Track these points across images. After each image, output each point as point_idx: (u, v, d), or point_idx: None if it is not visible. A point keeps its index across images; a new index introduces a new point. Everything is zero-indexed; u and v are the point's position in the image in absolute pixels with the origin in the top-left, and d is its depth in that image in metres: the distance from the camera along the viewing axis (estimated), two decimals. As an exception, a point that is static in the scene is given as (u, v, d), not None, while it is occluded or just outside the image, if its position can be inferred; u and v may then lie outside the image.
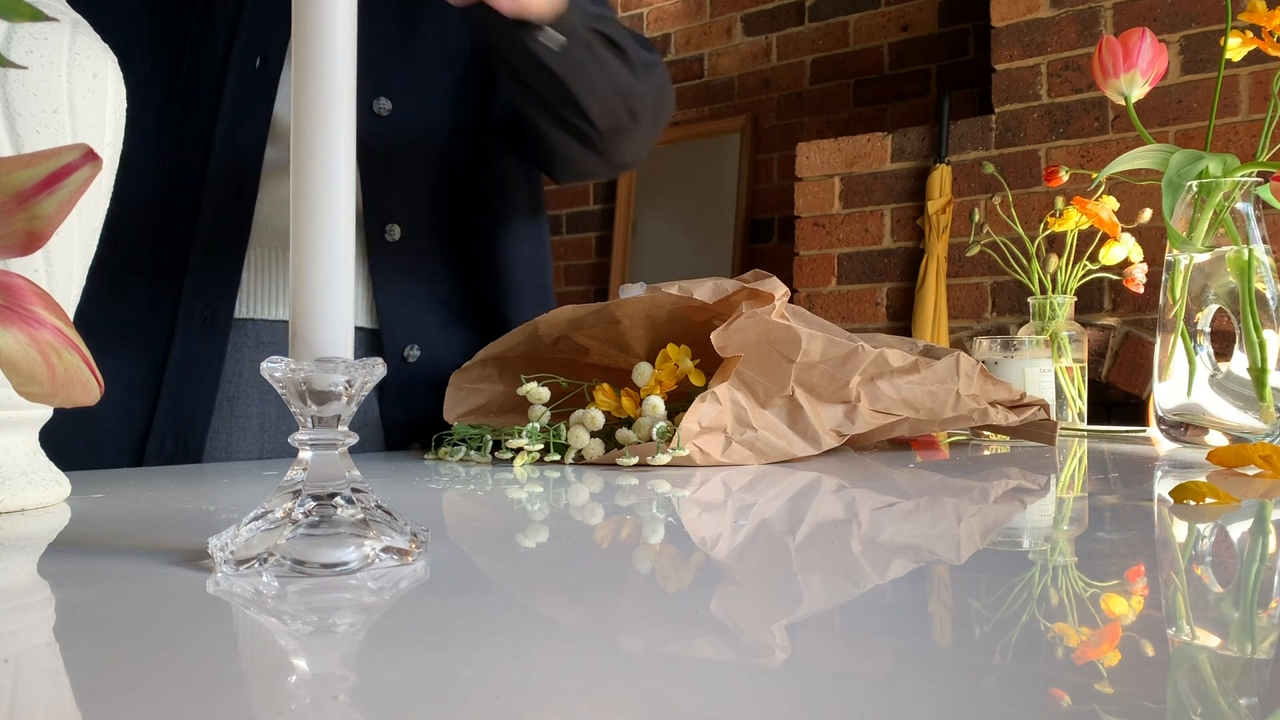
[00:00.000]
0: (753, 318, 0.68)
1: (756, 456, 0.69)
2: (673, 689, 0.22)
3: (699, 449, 0.67)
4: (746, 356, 0.69)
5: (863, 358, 0.71)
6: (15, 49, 0.42)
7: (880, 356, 0.73)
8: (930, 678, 0.23)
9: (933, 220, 2.52)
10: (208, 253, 0.78)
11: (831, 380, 0.72)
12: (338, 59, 0.34)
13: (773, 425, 0.71)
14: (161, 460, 0.76)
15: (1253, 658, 0.25)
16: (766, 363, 0.70)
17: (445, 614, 0.29)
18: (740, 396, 0.69)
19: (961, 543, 0.40)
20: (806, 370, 0.71)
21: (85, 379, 0.29)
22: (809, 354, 0.70)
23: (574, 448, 0.69)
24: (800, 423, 0.72)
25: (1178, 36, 2.26)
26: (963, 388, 0.78)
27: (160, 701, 0.20)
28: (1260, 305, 0.81)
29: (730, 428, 0.68)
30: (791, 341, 0.69)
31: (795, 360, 0.69)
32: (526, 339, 0.78)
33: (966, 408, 0.78)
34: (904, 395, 0.75)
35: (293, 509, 0.33)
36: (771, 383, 0.70)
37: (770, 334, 0.69)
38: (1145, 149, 0.86)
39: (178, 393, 0.77)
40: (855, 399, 0.73)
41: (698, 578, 0.34)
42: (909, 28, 3.02)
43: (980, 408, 0.79)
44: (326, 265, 0.34)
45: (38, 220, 0.28)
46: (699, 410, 0.67)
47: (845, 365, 0.72)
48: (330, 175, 0.34)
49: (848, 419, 0.73)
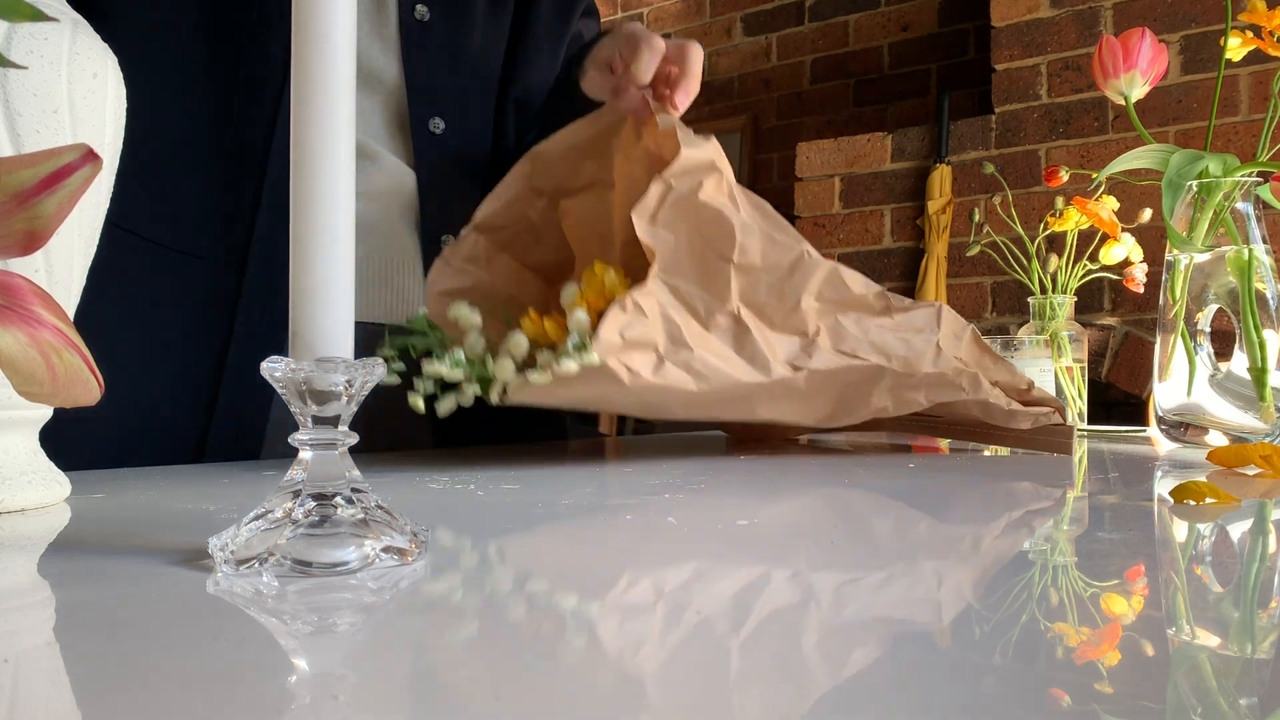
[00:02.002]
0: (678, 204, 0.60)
1: (695, 380, 0.61)
2: (676, 690, 0.22)
3: (626, 367, 0.59)
4: (676, 261, 0.62)
5: (811, 268, 0.64)
6: (15, 49, 0.42)
7: (835, 274, 0.66)
8: (930, 678, 0.23)
9: (933, 220, 2.52)
10: (265, 255, 0.78)
11: (780, 298, 0.64)
12: (338, 61, 0.34)
13: (715, 348, 0.62)
14: (220, 459, 0.77)
15: (1253, 658, 0.25)
16: (700, 267, 0.62)
17: (445, 614, 0.29)
18: (676, 314, 0.61)
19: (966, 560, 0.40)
20: (749, 281, 0.63)
21: (85, 379, 0.29)
22: (747, 252, 0.62)
23: (500, 380, 0.62)
24: (748, 347, 0.63)
25: (1178, 36, 2.26)
26: (946, 343, 0.69)
27: (160, 701, 0.20)
28: (1260, 305, 0.81)
29: (663, 346, 0.60)
30: (724, 235, 0.61)
31: (732, 259, 0.62)
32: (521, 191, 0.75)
33: (949, 366, 0.69)
34: (873, 338, 0.67)
35: (293, 509, 0.33)
36: (710, 295, 0.62)
37: (700, 223, 0.61)
38: (1145, 149, 0.86)
39: (236, 392, 0.77)
40: (814, 333, 0.65)
41: (702, 571, 0.34)
42: (909, 28, 3.02)
43: (970, 373, 0.70)
44: (327, 265, 0.34)
45: (38, 220, 0.28)
46: (619, 320, 0.58)
47: (793, 277, 0.64)
48: (331, 175, 0.34)
49: (804, 353, 0.65)
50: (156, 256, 0.77)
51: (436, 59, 0.87)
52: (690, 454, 0.78)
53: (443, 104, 0.87)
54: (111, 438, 0.73)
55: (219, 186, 0.78)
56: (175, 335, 0.77)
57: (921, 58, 2.99)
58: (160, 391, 0.76)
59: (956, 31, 2.93)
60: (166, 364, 0.76)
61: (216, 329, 0.77)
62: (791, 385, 0.66)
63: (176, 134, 0.77)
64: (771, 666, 0.23)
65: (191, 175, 0.78)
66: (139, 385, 0.74)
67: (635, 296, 0.60)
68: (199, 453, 0.77)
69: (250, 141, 0.78)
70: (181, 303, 0.77)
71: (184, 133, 0.78)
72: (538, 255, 0.77)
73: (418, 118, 0.85)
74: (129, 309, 0.76)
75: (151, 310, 0.77)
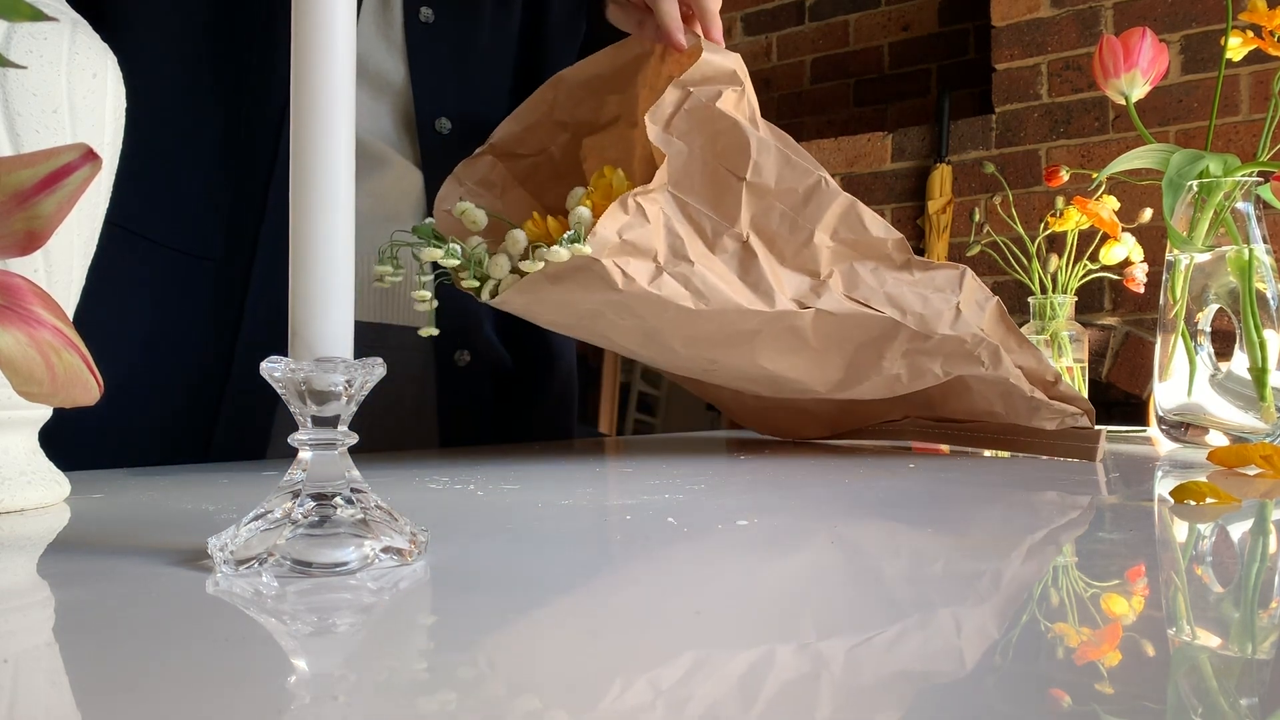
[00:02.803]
0: (694, 110, 0.58)
1: (693, 298, 0.58)
2: (676, 689, 0.22)
3: (621, 271, 0.56)
4: (688, 175, 0.59)
5: (828, 199, 0.61)
6: (15, 49, 0.42)
7: (852, 210, 0.62)
8: (930, 677, 0.23)
9: (933, 220, 2.52)
10: (271, 255, 0.78)
11: (793, 229, 0.61)
12: (337, 60, 0.34)
13: (718, 270, 0.60)
14: (226, 456, 0.77)
15: (1253, 658, 0.25)
16: (711, 184, 0.59)
17: (445, 614, 0.29)
18: (681, 229, 0.59)
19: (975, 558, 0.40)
20: (762, 205, 0.60)
21: (85, 379, 0.29)
22: (761, 171, 0.59)
23: (493, 278, 0.59)
24: (753, 274, 0.60)
25: (1178, 36, 2.26)
26: (967, 309, 0.65)
27: (160, 701, 0.20)
28: (1261, 305, 0.81)
29: (663, 255, 0.58)
30: (739, 149, 0.58)
31: (744, 177, 0.59)
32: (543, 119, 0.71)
33: (968, 332, 0.65)
34: (889, 290, 0.63)
35: (292, 509, 0.33)
36: (719, 215, 0.60)
37: (715, 136, 0.58)
38: (1145, 149, 0.86)
39: (242, 393, 0.77)
40: (826, 275, 0.62)
41: (698, 572, 0.34)
42: (909, 27, 3.02)
43: (990, 344, 0.66)
44: (326, 265, 0.34)
45: (37, 220, 0.28)
46: (618, 219, 0.56)
47: (807, 206, 0.61)
48: (330, 176, 0.34)
49: (813, 293, 0.62)
50: (163, 258, 0.77)
51: (442, 60, 0.87)
52: (690, 454, 0.78)
53: (449, 104, 0.88)
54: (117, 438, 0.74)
55: (227, 187, 0.78)
56: (181, 336, 0.77)
57: (922, 57, 2.99)
58: (166, 392, 0.76)
59: (957, 31, 2.92)
60: (172, 365, 0.77)
61: (223, 330, 0.78)
62: (798, 329, 0.63)
63: (185, 134, 0.78)
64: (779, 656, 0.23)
65: (199, 176, 0.78)
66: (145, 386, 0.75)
67: (639, 199, 0.57)
68: (204, 454, 0.77)
69: (258, 142, 0.78)
70: (188, 303, 0.78)
71: (192, 133, 0.78)
72: (556, 195, 0.72)
73: (424, 118, 0.85)
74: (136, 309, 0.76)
75: (157, 310, 0.77)
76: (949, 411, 0.76)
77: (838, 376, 0.67)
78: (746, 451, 0.81)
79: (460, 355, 0.88)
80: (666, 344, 0.64)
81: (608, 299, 0.58)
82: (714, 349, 0.65)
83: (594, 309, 0.60)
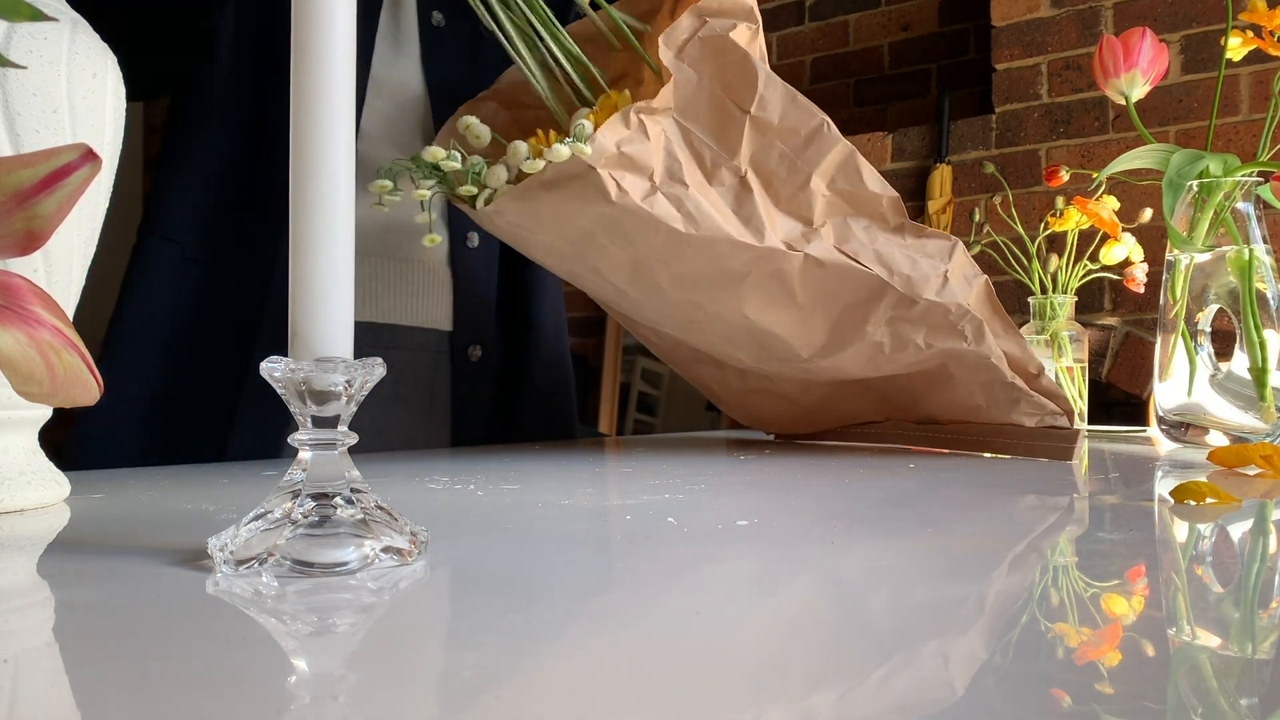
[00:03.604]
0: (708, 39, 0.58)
1: (684, 221, 0.59)
2: (674, 688, 0.22)
3: (616, 183, 0.57)
4: (694, 105, 0.59)
5: (828, 144, 0.61)
6: (15, 49, 0.42)
7: (851, 160, 0.62)
8: (930, 677, 0.23)
9: (933, 220, 2.52)
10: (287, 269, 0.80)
11: (791, 171, 0.61)
12: (337, 60, 0.34)
13: (712, 198, 0.60)
14: (243, 456, 0.78)
15: (1253, 658, 0.25)
16: (716, 116, 0.60)
17: (445, 614, 0.29)
18: (680, 152, 0.59)
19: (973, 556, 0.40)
20: (763, 143, 0.61)
21: (84, 379, 0.29)
22: (766, 106, 0.59)
23: (490, 187, 0.60)
24: (746, 208, 0.61)
25: (1178, 36, 2.26)
26: (955, 280, 0.65)
27: (160, 701, 0.20)
28: (1261, 305, 0.81)
29: (659, 175, 0.58)
30: (746, 81, 0.59)
31: (749, 111, 0.59)
32: None
33: (953, 301, 0.65)
34: (879, 248, 0.64)
35: (292, 509, 0.33)
36: (720, 147, 0.60)
37: (725, 67, 0.59)
38: (1146, 149, 0.86)
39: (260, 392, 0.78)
40: (819, 224, 0.63)
41: (698, 572, 0.34)
42: (909, 27, 3.02)
43: (975, 319, 0.66)
44: (326, 265, 0.34)
45: (37, 220, 0.28)
46: (619, 131, 0.56)
47: (807, 149, 0.61)
48: (330, 176, 0.34)
49: (804, 238, 0.62)
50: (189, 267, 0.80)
51: (456, 63, 0.88)
52: (690, 454, 0.78)
53: None
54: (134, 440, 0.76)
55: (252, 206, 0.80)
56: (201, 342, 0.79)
57: (922, 57, 2.99)
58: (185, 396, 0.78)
59: (957, 31, 2.92)
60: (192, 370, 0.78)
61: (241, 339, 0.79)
62: (785, 276, 0.63)
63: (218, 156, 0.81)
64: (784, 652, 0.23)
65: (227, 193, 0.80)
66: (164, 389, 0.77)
67: (642, 115, 0.57)
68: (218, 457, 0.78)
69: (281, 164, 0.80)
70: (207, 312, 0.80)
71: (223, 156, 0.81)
72: None
73: (439, 121, 0.86)
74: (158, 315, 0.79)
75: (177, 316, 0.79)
76: (931, 407, 0.75)
77: (821, 340, 0.67)
78: (746, 451, 0.81)
79: (473, 350, 0.89)
80: (654, 281, 0.65)
81: (600, 213, 0.58)
82: (700, 290, 0.65)
83: (586, 228, 0.60)
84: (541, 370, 0.96)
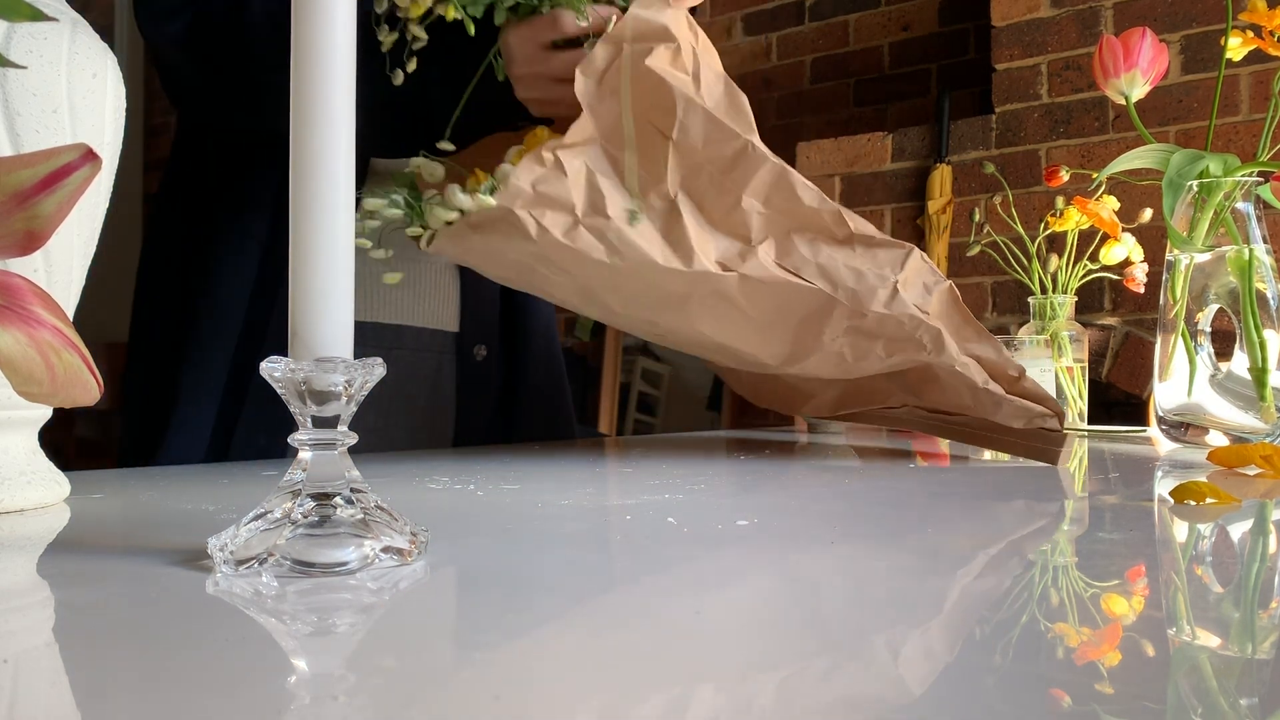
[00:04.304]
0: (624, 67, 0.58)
1: (608, 252, 0.59)
2: (674, 688, 0.22)
3: (536, 221, 0.57)
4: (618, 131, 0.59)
5: (755, 164, 0.60)
6: (15, 49, 0.42)
7: (783, 178, 0.61)
8: (931, 678, 0.23)
9: (933, 220, 2.52)
10: None
11: (721, 192, 0.60)
12: (336, 60, 0.34)
13: (641, 226, 0.60)
14: (251, 455, 0.78)
15: (1253, 658, 0.25)
16: (641, 139, 0.59)
17: (445, 614, 0.29)
18: (605, 182, 0.59)
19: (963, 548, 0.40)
20: (691, 166, 0.60)
21: (84, 379, 0.29)
22: (688, 131, 0.59)
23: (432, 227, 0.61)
24: (675, 233, 0.60)
25: (1178, 36, 2.26)
26: (909, 290, 0.63)
27: (160, 701, 0.20)
28: (1261, 305, 0.81)
29: (580, 209, 0.58)
30: (665, 108, 0.58)
31: (670, 136, 0.58)
32: None
33: (904, 312, 0.62)
34: (822, 261, 0.62)
35: (292, 509, 0.33)
36: (646, 172, 0.59)
37: (644, 93, 0.58)
38: (1146, 149, 0.86)
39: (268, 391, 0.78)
40: (757, 240, 0.61)
41: (698, 572, 0.34)
42: (909, 27, 3.02)
43: (932, 329, 0.63)
44: (326, 265, 0.34)
45: (37, 220, 0.28)
46: (532, 172, 0.57)
47: (734, 171, 0.60)
48: (330, 176, 0.34)
49: (740, 257, 0.61)
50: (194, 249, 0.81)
51: None
52: (690, 454, 0.78)
53: None
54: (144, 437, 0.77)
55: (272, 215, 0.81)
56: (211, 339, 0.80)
57: (922, 57, 2.99)
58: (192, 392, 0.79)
59: (956, 31, 2.92)
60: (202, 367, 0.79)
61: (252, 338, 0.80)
62: (727, 295, 0.62)
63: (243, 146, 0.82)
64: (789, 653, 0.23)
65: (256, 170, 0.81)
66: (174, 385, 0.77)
67: (559, 151, 0.58)
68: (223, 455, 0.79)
69: None
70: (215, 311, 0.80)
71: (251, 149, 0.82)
72: None
73: None
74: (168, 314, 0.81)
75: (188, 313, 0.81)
76: (931, 402, 0.74)
77: (785, 351, 0.67)
78: (746, 451, 0.81)
79: (478, 350, 0.90)
80: (605, 304, 0.66)
81: (527, 249, 0.59)
82: (651, 310, 0.65)
83: (522, 261, 0.62)
84: (539, 371, 0.96)
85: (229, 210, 0.82)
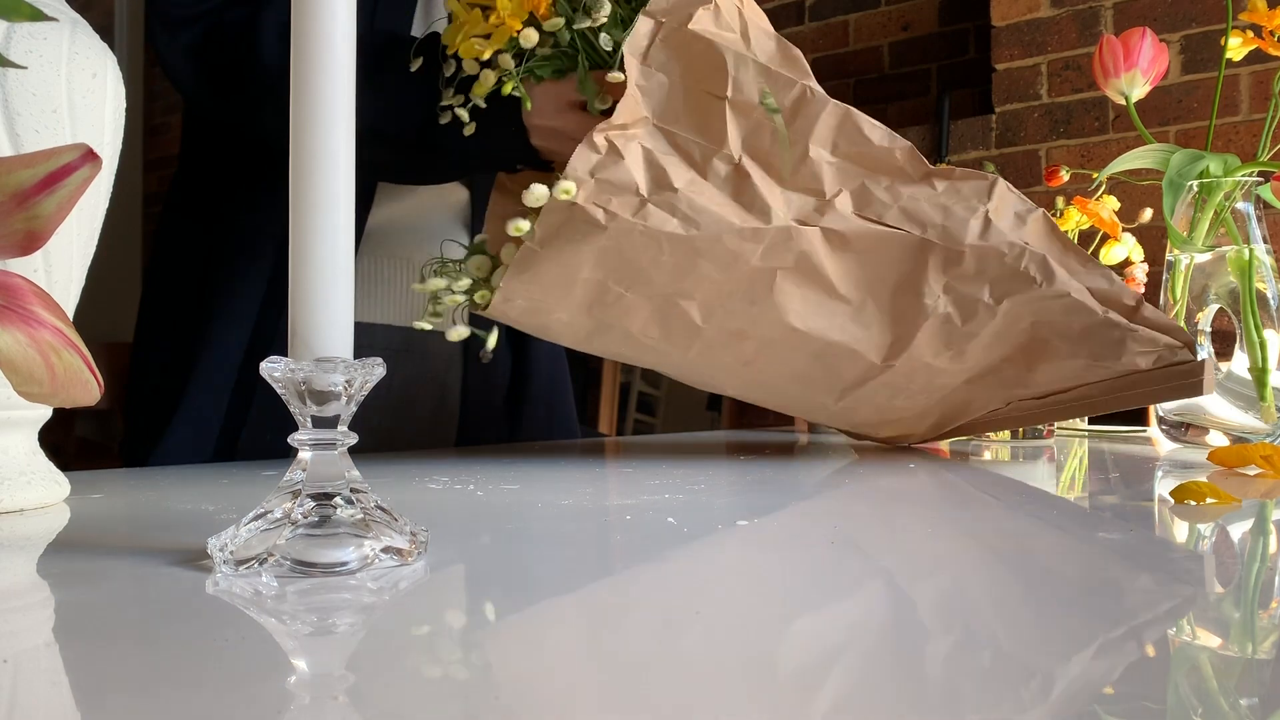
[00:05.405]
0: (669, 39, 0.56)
1: (682, 223, 0.57)
2: (674, 688, 0.22)
3: (602, 208, 0.56)
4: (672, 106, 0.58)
5: (816, 108, 0.58)
6: (14, 49, 0.42)
7: (848, 120, 0.59)
8: (931, 678, 0.23)
9: (933, 220, 2.52)
10: None
11: None
12: (337, 61, 0.34)
13: (709, 193, 0.58)
14: (257, 453, 0.78)
15: (1253, 658, 0.25)
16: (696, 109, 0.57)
17: (445, 614, 0.29)
18: (666, 158, 0.57)
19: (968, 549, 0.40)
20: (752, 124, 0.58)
21: (85, 379, 0.29)
22: (742, 88, 0.57)
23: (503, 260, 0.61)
24: (746, 194, 0.58)
25: (1178, 36, 2.26)
26: (1001, 219, 0.59)
27: (160, 702, 0.20)
28: (1261, 305, 0.81)
29: (645, 188, 0.57)
30: (716, 68, 0.56)
31: (725, 96, 0.57)
32: None
33: (1003, 240, 0.59)
34: (904, 204, 0.59)
35: (292, 509, 0.33)
36: (707, 139, 0.58)
37: (692, 60, 0.57)
38: (1146, 149, 0.86)
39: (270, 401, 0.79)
40: (832, 194, 0.58)
41: (698, 572, 0.34)
42: (909, 27, 3.02)
43: (1037, 256, 0.59)
44: (327, 265, 0.34)
45: (37, 220, 0.28)
46: (588, 158, 0.56)
47: (796, 120, 0.58)
48: (330, 176, 0.34)
49: (818, 212, 0.58)
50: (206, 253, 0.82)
51: None
52: (690, 454, 0.78)
53: None
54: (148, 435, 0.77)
55: None
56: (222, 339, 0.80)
57: (922, 57, 2.99)
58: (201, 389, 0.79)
59: (956, 31, 2.92)
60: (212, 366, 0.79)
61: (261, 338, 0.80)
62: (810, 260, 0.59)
63: None
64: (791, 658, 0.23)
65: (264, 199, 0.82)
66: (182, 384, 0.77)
67: (610, 136, 0.56)
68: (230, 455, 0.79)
69: None
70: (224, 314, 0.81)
71: None
72: None
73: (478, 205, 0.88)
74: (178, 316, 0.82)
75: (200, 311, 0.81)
76: (1044, 382, 0.68)
77: (886, 336, 0.63)
78: (746, 451, 0.81)
79: (484, 352, 0.90)
80: (686, 320, 0.62)
81: (600, 247, 0.57)
82: (735, 314, 0.62)
83: (594, 280, 0.59)
84: (544, 373, 0.96)
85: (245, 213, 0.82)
